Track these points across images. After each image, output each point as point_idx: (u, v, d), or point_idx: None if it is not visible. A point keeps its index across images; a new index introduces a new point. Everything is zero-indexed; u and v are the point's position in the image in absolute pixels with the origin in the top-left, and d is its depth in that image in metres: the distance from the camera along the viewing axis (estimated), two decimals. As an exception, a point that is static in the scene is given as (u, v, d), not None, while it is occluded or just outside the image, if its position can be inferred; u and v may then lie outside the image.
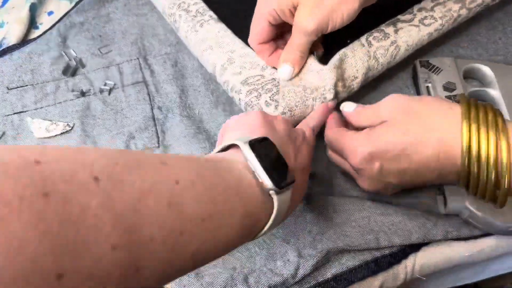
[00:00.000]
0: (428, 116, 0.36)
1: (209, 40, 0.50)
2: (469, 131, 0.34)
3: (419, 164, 0.36)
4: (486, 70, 0.49)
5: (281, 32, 0.47)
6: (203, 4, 0.53)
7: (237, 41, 0.49)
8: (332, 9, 0.40)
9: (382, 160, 0.37)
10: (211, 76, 0.53)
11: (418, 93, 0.50)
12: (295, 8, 0.41)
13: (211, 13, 0.52)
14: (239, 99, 0.46)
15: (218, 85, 0.53)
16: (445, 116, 0.35)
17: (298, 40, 0.43)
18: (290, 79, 0.45)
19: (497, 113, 0.35)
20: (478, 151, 0.33)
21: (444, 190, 0.43)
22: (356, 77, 0.46)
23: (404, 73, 0.52)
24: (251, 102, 0.45)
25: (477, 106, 0.36)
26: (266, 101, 0.44)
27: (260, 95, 0.45)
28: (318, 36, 0.43)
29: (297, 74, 0.46)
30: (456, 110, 0.36)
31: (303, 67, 0.46)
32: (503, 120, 0.34)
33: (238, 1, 0.53)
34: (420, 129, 0.36)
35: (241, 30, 0.50)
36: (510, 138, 0.33)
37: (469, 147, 0.34)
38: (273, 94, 0.45)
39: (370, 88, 0.51)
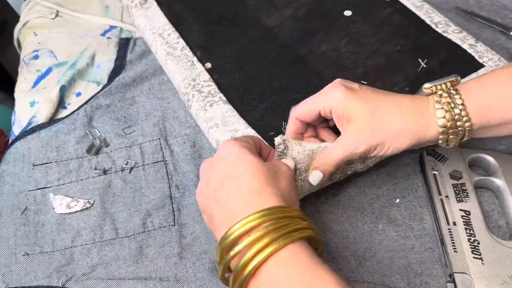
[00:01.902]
0: None
1: (215, 118, 0.54)
2: None
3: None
4: (490, 160, 0.52)
5: None
6: (215, 87, 0.57)
7: (242, 121, 0.53)
8: (384, 139, 0.41)
9: None
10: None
11: (425, 179, 0.52)
12: (346, 119, 0.42)
13: (221, 95, 0.56)
14: None
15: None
16: None
17: (339, 155, 0.43)
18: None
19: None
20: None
21: (455, 279, 0.44)
22: (352, 164, 0.48)
23: (411, 159, 0.55)
24: None
25: None
26: None
27: None
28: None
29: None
30: None
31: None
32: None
33: (244, 86, 0.57)
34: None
35: (246, 112, 0.54)
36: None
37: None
38: None
39: (380, 171, 0.54)
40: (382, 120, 0.41)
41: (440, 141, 0.42)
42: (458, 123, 0.41)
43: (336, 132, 0.47)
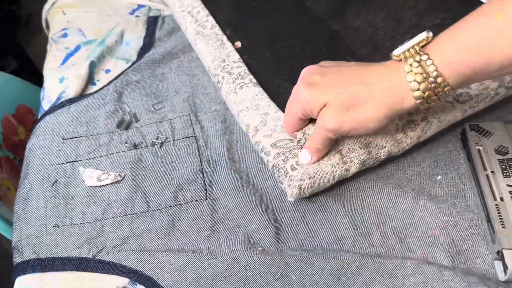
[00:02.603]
0: None
1: (246, 102, 0.52)
2: None
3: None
4: (537, 135, 0.49)
5: None
6: (245, 68, 0.55)
7: (272, 105, 0.51)
8: (355, 121, 0.40)
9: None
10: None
11: (468, 155, 0.50)
12: (320, 110, 0.42)
13: (251, 77, 0.54)
14: (267, 160, 0.48)
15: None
16: None
17: (318, 133, 0.43)
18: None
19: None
20: None
21: (504, 256, 0.41)
22: (384, 147, 0.47)
23: (453, 136, 0.53)
24: (278, 164, 0.46)
25: None
26: (292, 165, 0.45)
27: (287, 159, 0.46)
28: (338, 136, 0.43)
29: None
30: None
31: None
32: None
33: (275, 67, 0.56)
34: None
35: (277, 95, 0.53)
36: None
37: None
38: None
39: (420, 148, 0.52)
40: (349, 98, 0.40)
41: (421, 107, 0.40)
42: (437, 90, 0.38)
43: None
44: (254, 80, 0.54)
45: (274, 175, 0.47)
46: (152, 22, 0.69)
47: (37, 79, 1.41)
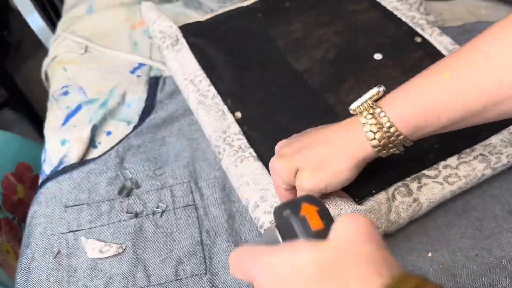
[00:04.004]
0: None
1: (246, 176, 0.54)
2: None
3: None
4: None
5: None
6: (245, 140, 0.57)
7: (271, 181, 0.53)
8: (329, 177, 0.43)
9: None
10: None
11: None
12: (296, 174, 0.45)
13: (252, 150, 0.56)
14: None
15: (265, 213, 0.56)
16: None
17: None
18: None
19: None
20: None
21: None
22: (379, 227, 0.49)
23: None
24: None
25: None
26: None
27: None
28: (318, 194, 0.46)
29: None
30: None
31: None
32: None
33: (274, 139, 0.57)
34: None
35: None
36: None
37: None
38: None
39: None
40: (316, 158, 0.43)
41: (381, 155, 0.43)
42: (392, 139, 0.41)
43: None
44: (254, 154, 0.56)
45: None
46: (154, 83, 0.70)
47: (25, 111, 1.42)
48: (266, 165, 0.55)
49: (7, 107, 1.49)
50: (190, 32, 0.71)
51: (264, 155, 0.56)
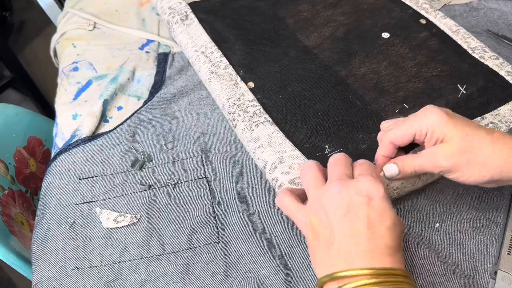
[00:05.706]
0: None
1: (262, 139, 0.55)
2: None
3: None
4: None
5: None
6: (259, 107, 0.58)
7: (288, 143, 0.54)
8: (470, 162, 0.41)
9: None
10: (267, 176, 0.57)
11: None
12: (440, 140, 0.43)
13: (267, 115, 0.57)
14: None
15: (276, 186, 0.57)
16: None
17: (421, 162, 0.44)
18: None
19: None
20: None
21: (497, 275, 0.47)
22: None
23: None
24: None
25: None
26: None
27: None
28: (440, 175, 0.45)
29: None
30: None
31: None
32: None
33: (288, 107, 0.59)
34: None
35: (292, 133, 0.56)
36: None
37: None
38: None
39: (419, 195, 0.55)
40: (473, 144, 0.41)
41: None
42: None
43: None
44: (269, 118, 0.57)
45: None
46: (162, 60, 0.71)
47: (30, 91, 1.42)
48: (282, 129, 0.56)
49: (12, 87, 1.49)
50: (199, 8, 0.72)
51: (279, 121, 0.57)
